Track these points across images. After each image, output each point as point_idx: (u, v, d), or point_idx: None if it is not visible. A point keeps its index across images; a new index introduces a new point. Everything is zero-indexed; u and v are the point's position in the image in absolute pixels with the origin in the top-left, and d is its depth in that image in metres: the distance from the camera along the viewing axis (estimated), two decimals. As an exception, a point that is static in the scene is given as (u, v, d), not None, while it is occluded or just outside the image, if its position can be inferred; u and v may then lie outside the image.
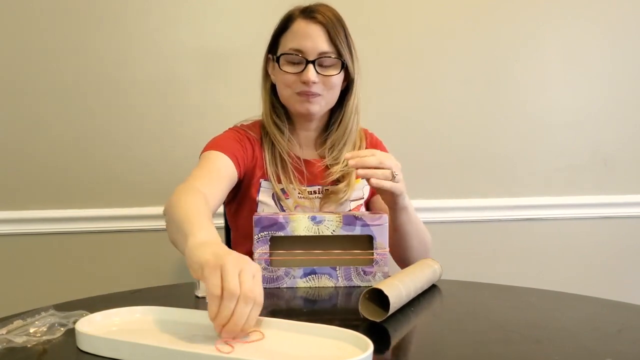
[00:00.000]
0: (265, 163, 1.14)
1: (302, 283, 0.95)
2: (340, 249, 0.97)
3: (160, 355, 0.63)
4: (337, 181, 1.16)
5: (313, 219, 0.95)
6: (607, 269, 1.80)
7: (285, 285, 0.95)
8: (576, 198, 1.77)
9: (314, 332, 0.69)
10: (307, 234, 0.95)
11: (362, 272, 0.97)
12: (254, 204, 1.13)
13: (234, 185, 1.11)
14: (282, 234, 0.95)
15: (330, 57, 1.08)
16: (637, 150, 1.79)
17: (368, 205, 1.31)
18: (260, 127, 1.19)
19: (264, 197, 1.13)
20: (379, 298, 0.78)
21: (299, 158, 1.17)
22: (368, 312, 0.78)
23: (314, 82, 1.07)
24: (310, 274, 0.95)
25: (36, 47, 1.53)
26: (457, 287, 1.00)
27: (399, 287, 0.81)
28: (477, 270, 1.72)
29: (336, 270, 0.96)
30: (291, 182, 1.13)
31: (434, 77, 1.69)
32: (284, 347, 0.67)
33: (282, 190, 1.13)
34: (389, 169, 0.97)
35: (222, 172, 1.06)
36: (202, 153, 1.11)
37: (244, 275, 0.66)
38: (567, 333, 0.75)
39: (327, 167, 1.16)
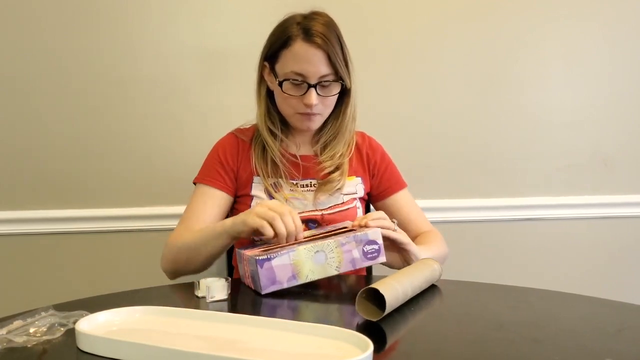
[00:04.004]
0: (254, 161, 1.20)
1: (301, 247, 0.93)
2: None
3: (160, 355, 0.63)
4: (330, 174, 1.20)
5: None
6: (607, 269, 1.80)
7: (285, 252, 0.92)
8: (576, 198, 1.77)
9: (314, 332, 0.69)
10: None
11: (352, 232, 0.97)
12: (250, 199, 1.18)
13: (229, 203, 1.21)
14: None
15: (329, 79, 1.13)
16: (637, 150, 1.78)
17: (369, 207, 1.32)
18: (255, 129, 1.25)
19: (257, 191, 1.19)
20: (375, 297, 0.78)
21: (294, 155, 1.21)
22: (365, 312, 0.78)
23: (315, 104, 1.13)
24: (305, 244, 0.95)
25: (36, 46, 1.53)
26: (456, 287, 1.00)
27: (395, 286, 0.81)
28: (477, 270, 1.72)
29: (329, 237, 0.97)
30: (281, 177, 1.19)
31: (433, 77, 1.69)
32: (284, 347, 0.67)
33: (274, 184, 1.18)
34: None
35: (210, 206, 1.17)
36: (194, 181, 1.22)
37: (268, 203, 0.99)
38: (567, 333, 0.75)
39: (321, 162, 1.21)
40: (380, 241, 0.96)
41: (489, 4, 1.68)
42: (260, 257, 0.90)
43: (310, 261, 0.93)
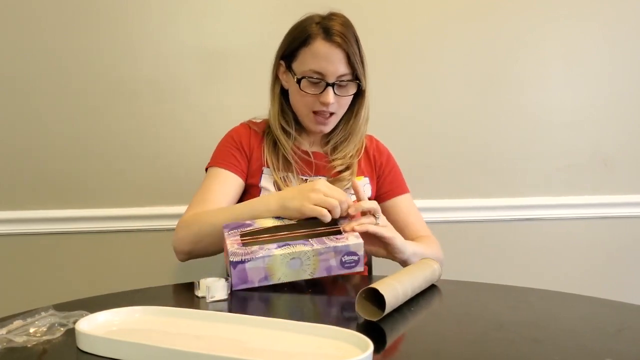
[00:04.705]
0: (264, 154, 1.20)
1: (278, 252, 0.92)
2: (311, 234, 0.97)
3: (160, 355, 0.63)
4: (340, 173, 1.21)
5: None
6: (607, 268, 1.80)
7: (260, 256, 0.91)
8: (576, 198, 1.77)
9: (314, 332, 0.69)
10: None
11: (334, 239, 0.95)
12: (258, 191, 1.18)
13: (242, 189, 1.19)
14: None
15: (347, 79, 1.13)
16: (637, 150, 1.78)
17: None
18: (266, 124, 1.25)
19: (266, 182, 1.18)
20: (375, 297, 0.78)
21: (306, 152, 1.22)
22: (365, 312, 0.78)
23: (332, 103, 1.13)
24: (284, 245, 0.93)
25: (36, 46, 1.53)
26: (456, 287, 1.00)
27: (395, 286, 0.81)
28: (477, 270, 1.72)
29: (309, 240, 0.94)
30: (291, 172, 1.18)
31: (434, 77, 1.69)
32: (284, 347, 0.67)
33: (283, 178, 1.18)
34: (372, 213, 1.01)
35: (225, 187, 1.15)
36: (206, 168, 1.21)
37: (322, 188, 0.96)
38: (567, 333, 0.75)
39: (331, 161, 1.22)
40: (361, 253, 0.95)
41: (489, 4, 1.68)
42: (234, 260, 0.90)
43: (285, 267, 0.92)
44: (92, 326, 0.71)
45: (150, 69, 1.57)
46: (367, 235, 0.98)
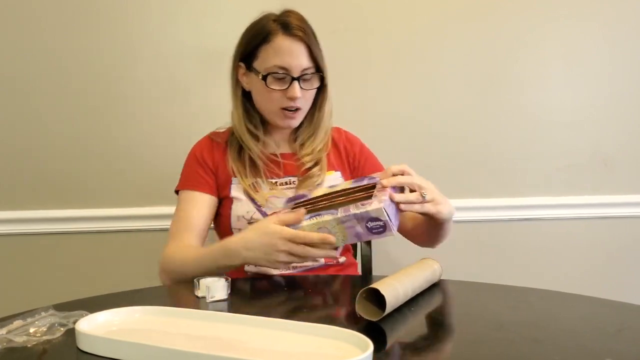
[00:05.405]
0: (229, 163, 1.19)
1: (305, 222, 0.93)
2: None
3: (160, 355, 0.63)
4: (309, 170, 1.20)
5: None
6: (607, 269, 1.80)
7: (291, 226, 0.93)
8: (576, 198, 1.77)
9: (314, 332, 0.69)
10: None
11: (360, 205, 0.92)
12: (230, 202, 1.17)
13: (215, 205, 1.19)
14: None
15: (310, 72, 1.14)
16: (637, 150, 1.78)
17: None
18: (230, 131, 1.25)
19: (236, 192, 1.17)
20: (376, 297, 0.78)
21: (274, 154, 1.21)
22: (365, 312, 0.78)
23: (299, 97, 1.13)
24: (315, 215, 0.94)
25: (36, 46, 1.53)
26: (457, 287, 1.00)
27: (396, 286, 0.81)
28: (477, 270, 1.72)
29: (339, 208, 0.93)
30: (260, 177, 1.18)
31: (434, 77, 1.69)
32: (284, 347, 0.67)
33: (252, 184, 1.17)
34: (417, 189, 0.98)
35: (200, 210, 1.16)
36: (176, 190, 1.22)
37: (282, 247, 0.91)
38: (567, 333, 0.75)
39: (300, 159, 1.21)
40: (385, 218, 0.90)
41: (489, 4, 1.68)
42: None
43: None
44: (92, 326, 0.71)
45: (150, 69, 1.57)
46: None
